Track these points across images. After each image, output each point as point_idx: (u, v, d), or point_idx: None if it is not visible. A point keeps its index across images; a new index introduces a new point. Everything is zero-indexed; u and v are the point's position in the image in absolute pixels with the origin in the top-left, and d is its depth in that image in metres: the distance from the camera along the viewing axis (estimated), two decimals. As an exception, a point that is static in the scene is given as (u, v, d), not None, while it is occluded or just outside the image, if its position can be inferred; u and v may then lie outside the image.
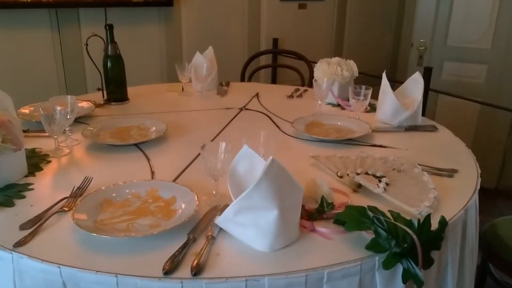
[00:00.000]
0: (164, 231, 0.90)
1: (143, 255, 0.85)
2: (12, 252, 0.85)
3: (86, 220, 0.93)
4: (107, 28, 1.80)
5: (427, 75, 2.58)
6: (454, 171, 1.22)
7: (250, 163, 0.98)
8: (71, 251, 0.86)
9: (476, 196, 1.13)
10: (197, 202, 0.98)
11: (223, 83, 2.22)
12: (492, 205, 3.02)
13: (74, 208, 0.97)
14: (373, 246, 0.85)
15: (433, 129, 1.57)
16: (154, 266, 0.80)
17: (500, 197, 3.20)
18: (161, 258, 0.82)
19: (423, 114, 1.73)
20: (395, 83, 1.76)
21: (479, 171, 1.24)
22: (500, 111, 2.80)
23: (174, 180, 1.16)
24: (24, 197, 1.07)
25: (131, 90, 1.96)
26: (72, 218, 0.92)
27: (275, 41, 3.33)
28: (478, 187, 1.15)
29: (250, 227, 0.87)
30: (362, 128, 1.52)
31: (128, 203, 1.02)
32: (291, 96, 2.03)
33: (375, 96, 1.69)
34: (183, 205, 1.00)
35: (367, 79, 2.22)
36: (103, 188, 1.06)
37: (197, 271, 0.79)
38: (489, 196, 3.10)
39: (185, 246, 0.86)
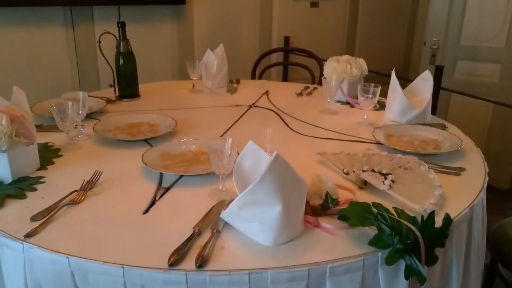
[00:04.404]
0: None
1: (149, 247, 0.87)
2: (23, 242, 0.88)
3: (154, 164, 1.18)
4: (119, 25, 1.83)
5: (438, 73, 2.56)
6: (462, 169, 1.22)
7: (256, 158, 0.99)
8: (79, 242, 0.88)
9: (483, 194, 1.13)
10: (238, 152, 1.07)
11: (233, 81, 2.23)
12: (505, 205, 2.99)
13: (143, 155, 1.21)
14: (376, 242, 0.86)
15: (443, 127, 1.56)
16: (159, 258, 0.82)
17: (513, 198, 3.16)
18: (166, 250, 0.84)
19: (433, 113, 1.72)
20: (407, 82, 1.76)
21: (487, 170, 1.23)
22: (514, 111, 2.76)
23: (180, 178, 1.18)
24: (35, 189, 1.10)
25: (142, 87, 1.98)
26: (142, 160, 1.18)
27: (287, 39, 3.33)
28: (485, 185, 1.14)
29: (254, 222, 0.88)
30: (451, 141, 1.40)
31: (183, 155, 1.28)
32: (300, 94, 2.04)
33: (384, 94, 1.68)
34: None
35: (379, 78, 2.22)
36: (164, 144, 1.33)
37: (201, 263, 0.81)
38: (502, 197, 3.06)
39: (190, 239, 0.88)
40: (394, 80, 1.64)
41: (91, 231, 0.93)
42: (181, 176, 1.17)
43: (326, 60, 1.89)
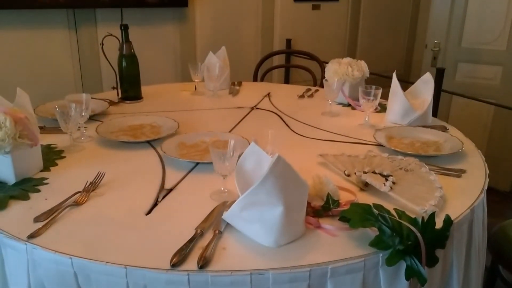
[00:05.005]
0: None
1: (151, 248, 0.88)
2: (26, 243, 0.88)
3: (171, 153, 1.29)
4: (122, 28, 1.84)
5: (439, 76, 2.56)
6: (462, 171, 1.23)
7: (257, 160, 0.99)
8: (82, 243, 0.89)
9: (484, 196, 1.13)
10: (248, 143, 1.14)
11: (235, 83, 2.24)
12: (506, 207, 2.98)
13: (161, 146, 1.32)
14: (377, 243, 0.86)
15: (443, 129, 1.57)
16: (162, 259, 0.83)
17: (514, 200, 3.15)
18: (169, 251, 0.84)
19: (434, 115, 1.73)
20: (409, 84, 1.77)
21: (488, 172, 1.23)
22: (515, 113, 2.77)
23: (186, 175, 1.19)
24: (39, 191, 1.10)
25: (145, 89, 1.99)
26: (160, 150, 1.31)
27: (288, 41, 3.34)
28: (486, 187, 1.15)
29: (255, 223, 0.89)
30: (452, 143, 1.40)
31: (197, 146, 1.39)
32: (302, 96, 2.05)
33: (386, 96, 1.69)
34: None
35: (380, 80, 2.22)
36: (180, 135, 1.45)
37: (203, 264, 0.81)
38: (502, 199, 3.06)
39: (192, 240, 0.88)
40: (395, 82, 1.65)
41: (94, 232, 0.93)
42: (197, 164, 1.26)
43: (327, 63, 1.90)
